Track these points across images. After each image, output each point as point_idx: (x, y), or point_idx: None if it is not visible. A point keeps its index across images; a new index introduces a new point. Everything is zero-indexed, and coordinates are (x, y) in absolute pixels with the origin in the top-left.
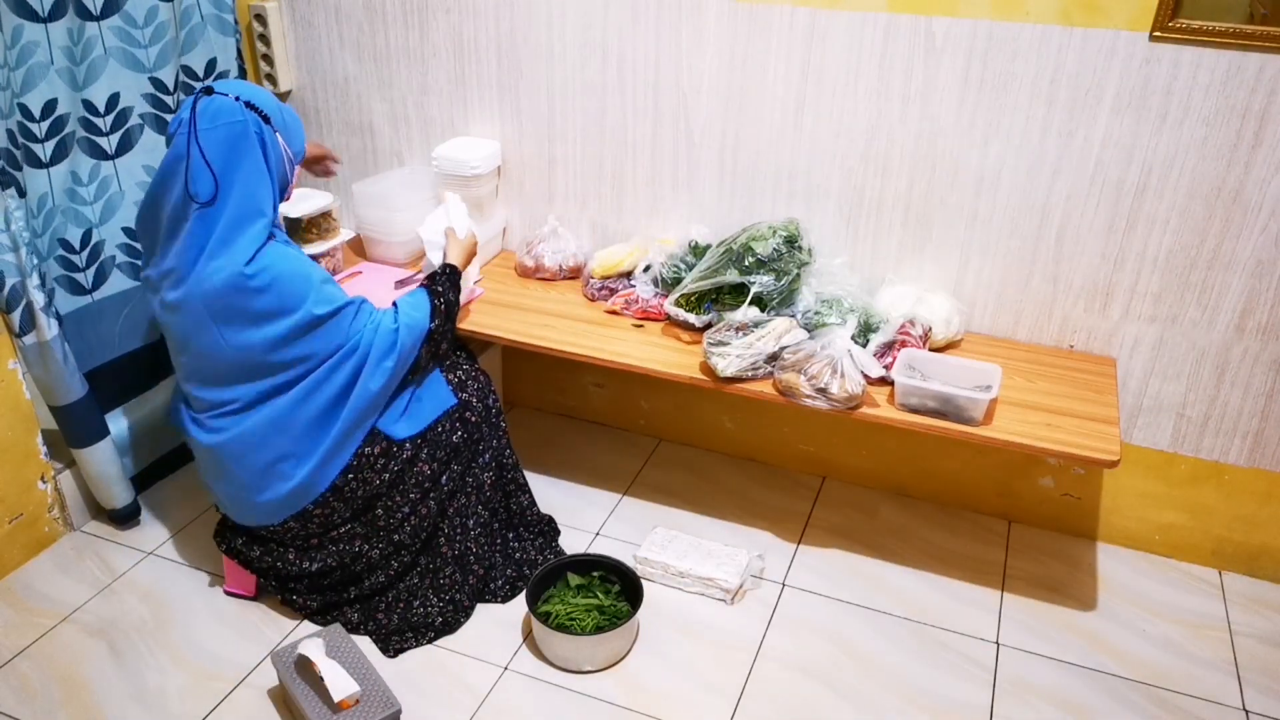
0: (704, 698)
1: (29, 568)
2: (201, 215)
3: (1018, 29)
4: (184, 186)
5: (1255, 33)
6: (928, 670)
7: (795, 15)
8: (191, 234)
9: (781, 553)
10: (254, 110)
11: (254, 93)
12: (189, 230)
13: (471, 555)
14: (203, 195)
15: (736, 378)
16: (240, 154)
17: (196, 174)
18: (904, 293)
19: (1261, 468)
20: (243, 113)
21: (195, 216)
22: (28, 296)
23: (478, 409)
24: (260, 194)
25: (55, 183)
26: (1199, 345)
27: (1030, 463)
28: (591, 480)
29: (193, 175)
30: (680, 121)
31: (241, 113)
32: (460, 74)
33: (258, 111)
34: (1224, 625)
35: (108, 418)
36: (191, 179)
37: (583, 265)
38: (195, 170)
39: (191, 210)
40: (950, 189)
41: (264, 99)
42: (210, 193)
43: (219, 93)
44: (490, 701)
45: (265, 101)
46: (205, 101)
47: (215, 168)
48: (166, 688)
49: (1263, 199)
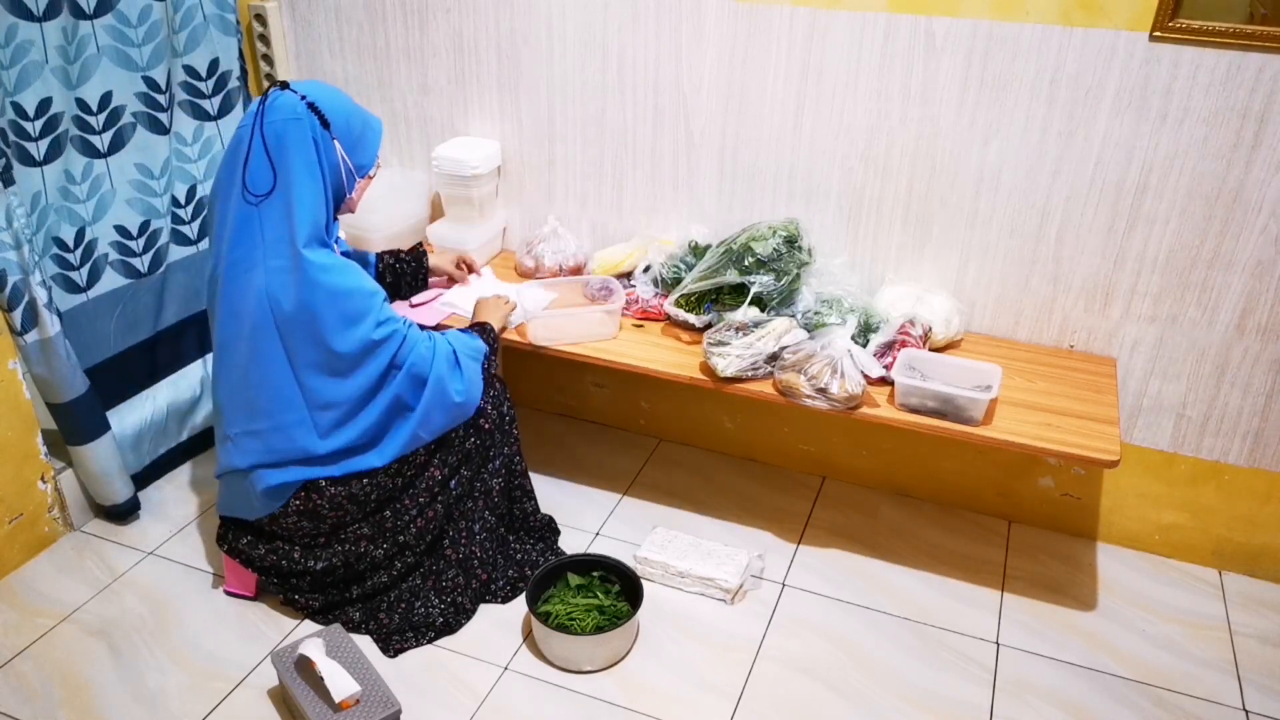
0: (704, 698)
1: (29, 568)
2: (259, 208)
3: (1018, 29)
4: (241, 178)
5: (1255, 33)
6: (928, 670)
7: (795, 15)
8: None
9: (781, 553)
10: (315, 112)
11: (324, 95)
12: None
13: (475, 560)
14: (258, 188)
15: (736, 378)
16: (292, 151)
17: (255, 166)
18: (904, 293)
19: (1261, 468)
20: (305, 112)
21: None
22: (30, 294)
23: (492, 416)
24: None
25: (49, 181)
26: (1199, 345)
27: (1030, 463)
28: (591, 480)
29: (251, 167)
30: (680, 121)
31: (303, 111)
32: (460, 74)
33: (318, 114)
34: (1224, 625)
35: (108, 415)
36: (250, 171)
37: (583, 265)
38: (255, 162)
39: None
40: (950, 189)
41: (331, 103)
42: (268, 185)
43: (292, 89)
44: (490, 701)
45: (332, 106)
46: (275, 94)
47: (274, 161)
48: (166, 688)
49: (1263, 199)
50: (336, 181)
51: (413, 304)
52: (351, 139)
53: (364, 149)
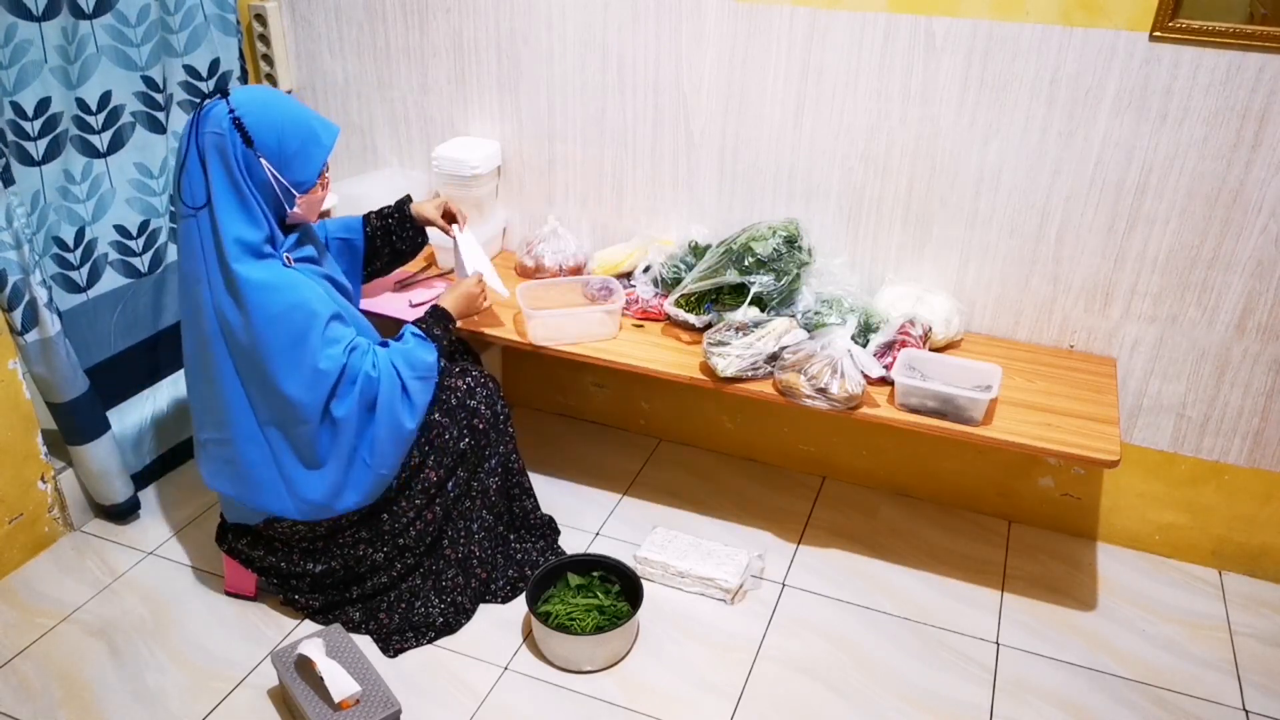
0: (704, 698)
1: (29, 568)
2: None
3: (1018, 29)
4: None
5: (1255, 33)
6: (928, 670)
7: (795, 15)
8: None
9: (781, 553)
10: (239, 129)
11: (256, 110)
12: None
13: (475, 559)
14: (193, 200)
15: (736, 378)
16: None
17: (190, 178)
18: (904, 293)
19: (1261, 468)
20: (229, 128)
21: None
22: (30, 293)
23: (485, 416)
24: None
25: (48, 180)
26: (1199, 345)
27: (1030, 463)
28: (591, 480)
29: (186, 178)
30: (680, 121)
31: (226, 127)
32: (460, 74)
33: (242, 131)
34: (1224, 625)
35: (108, 414)
36: (185, 182)
37: (583, 265)
38: (190, 173)
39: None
40: (950, 189)
41: (261, 119)
42: (203, 198)
43: (227, 101)
44: (490, 701)
45: (262, 122)
46: (210, 105)
47: (207, 174)
48: (166, 688)
49: (1263, 199)
50: (269, 197)
51: (413, 304)
52: (283, 156)
53: (301, 165)
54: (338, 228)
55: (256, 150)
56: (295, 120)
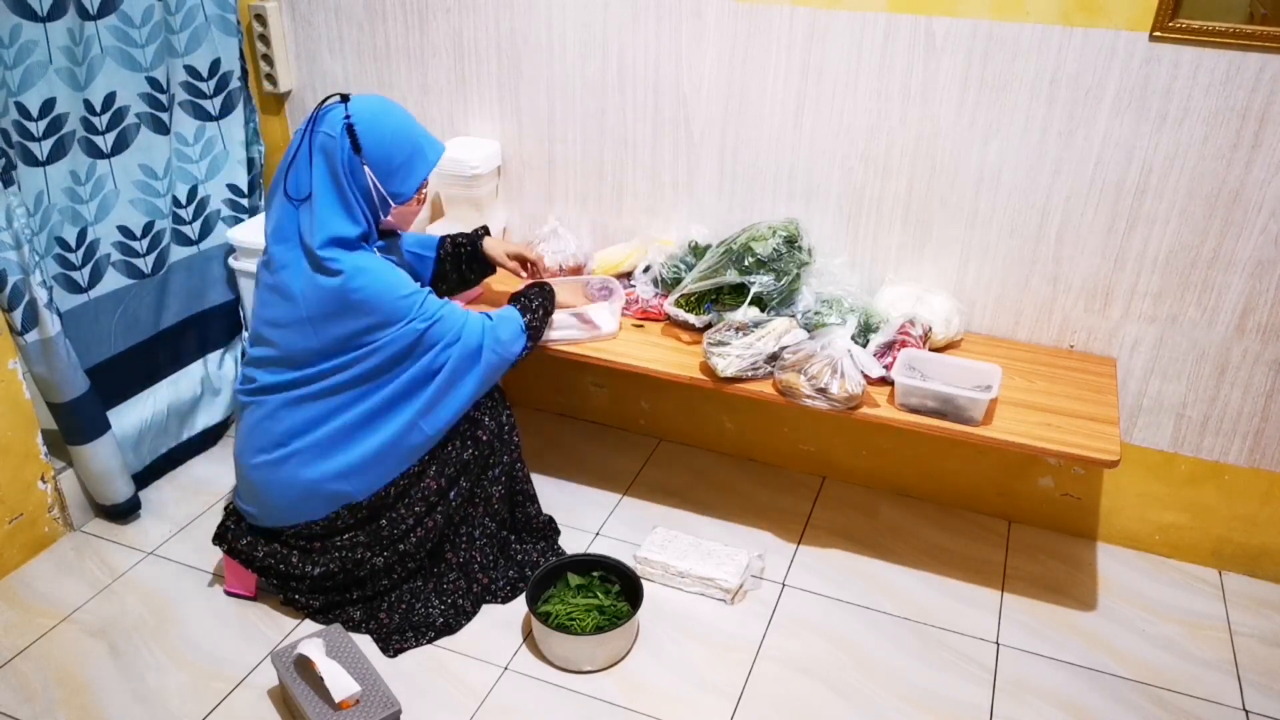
0: (704, 698)
1: (29, 568)
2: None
3: (1018, 29)
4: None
5: (1255, 33)
6: (928, 670)
7: (795, 15)
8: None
9: (781, 553)
10: (351, 135)
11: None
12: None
13: (476, 564)
14: (297, 192)
15: (736, 378)
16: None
17: (298, 171)
18: (904, 293)
19: (1261, 468)
20: (341, 133)
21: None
22: (30, 294)
23: (490, 426)
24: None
25: (52, 181)
26: (1199, 345)
27: (1030, 463)
28: (591, 480)
29: (294, 171)
30: (680, 121)
31: (339, 132)
32: (460, 74)
33: (353, 138)
34: (1224, 625)
35: (108, 414)
36: (293, 174)
37: (583, 265)
38: (298, 168)
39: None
40: (950, 189)
41: (374, 129)
42: (306, 191)
43: (344, 105)
44: (490, 701)
45: (373, 132)
46: (328, 107)
47: (312, 171)
48: (166, 688)
49: (1263, 199)
50: (369, 203)
51: None
52: (388, 168)
53: (404, 178)
54: (414, 243)
55: (363, 158)
56: (405, 135)
